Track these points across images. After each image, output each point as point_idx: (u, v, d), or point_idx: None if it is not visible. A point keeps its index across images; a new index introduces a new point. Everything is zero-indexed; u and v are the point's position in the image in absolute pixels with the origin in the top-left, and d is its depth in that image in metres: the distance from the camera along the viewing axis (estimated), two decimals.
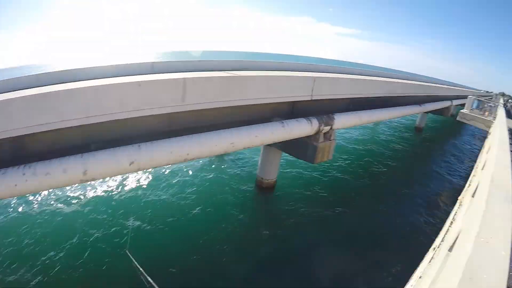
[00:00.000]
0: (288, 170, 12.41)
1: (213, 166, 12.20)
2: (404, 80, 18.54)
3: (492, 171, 3.90)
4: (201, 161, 12.16)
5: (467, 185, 5.37)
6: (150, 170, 10.59)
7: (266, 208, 10.22)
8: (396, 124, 26.84)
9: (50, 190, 8.89)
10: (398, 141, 21.37)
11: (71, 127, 4.28)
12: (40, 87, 4.74)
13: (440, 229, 3.92)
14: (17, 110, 3.85)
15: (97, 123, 4.44)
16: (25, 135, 4.04)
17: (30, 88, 4.63)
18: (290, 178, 11.89)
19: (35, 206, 8.37)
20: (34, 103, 3.94)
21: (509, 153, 5.25)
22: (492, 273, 1.81)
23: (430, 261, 2.66)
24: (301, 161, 9.40)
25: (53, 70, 5.26)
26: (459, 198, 4.63)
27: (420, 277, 2.46)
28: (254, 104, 6.87)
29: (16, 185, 3.94)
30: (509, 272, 1.97)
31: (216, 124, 6.47)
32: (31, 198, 8.60)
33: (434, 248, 2.87)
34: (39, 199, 8.67)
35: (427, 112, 23.59)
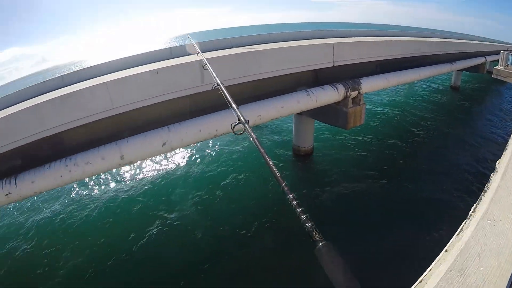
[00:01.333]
0: (324, 136, 12.20)
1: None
2: (431, 38, 17.16)
3: None
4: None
5: (505, 149, 4.32)
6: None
7: (307, 172, 10.09)
8: (429, 84, 24.64)
9: None
10: (433, 101, 19.85)
11: (101, 119, 4.48)
12: (68, 87, 5.01)
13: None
14: (47, 112, 4.11)
15: (125, 112, 4.58)
16: (61, 132, 4.30)
17: (59, 89, 4.91)
18: (326, 143, 11.65)
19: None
20: (61, 103, 4.17)
21: None
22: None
23: (458, 234, 2.31)
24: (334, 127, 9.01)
25: (79, 69, 5.52)
26: (496, 163, 3.88)
27: (446, 250, 2.15)
28: (276, 76, 6.71)
29: (61, 176, 4.23)
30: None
31: (240, 100, 6.42)
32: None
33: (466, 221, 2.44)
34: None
35: (461, 70, 21.53)
